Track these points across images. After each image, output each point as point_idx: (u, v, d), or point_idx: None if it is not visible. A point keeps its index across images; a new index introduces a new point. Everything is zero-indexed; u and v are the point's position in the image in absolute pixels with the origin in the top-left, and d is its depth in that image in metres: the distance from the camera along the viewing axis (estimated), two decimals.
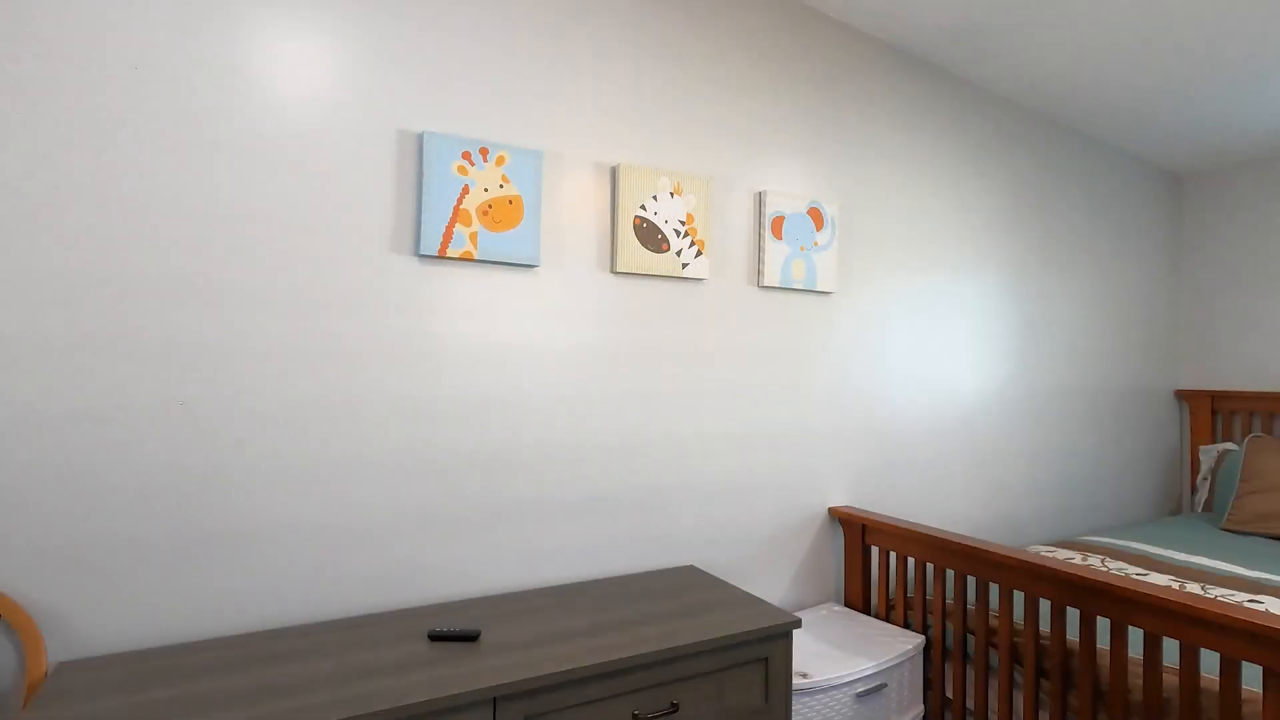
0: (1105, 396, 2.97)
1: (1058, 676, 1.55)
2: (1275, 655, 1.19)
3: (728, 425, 1.96)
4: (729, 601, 1.58)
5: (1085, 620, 1.49)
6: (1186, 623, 1.31)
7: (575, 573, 1.73)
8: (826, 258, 2.11)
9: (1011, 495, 2.65)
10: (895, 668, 1.75)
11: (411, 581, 1.53)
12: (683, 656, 1.36)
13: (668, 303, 1.87)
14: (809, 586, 2.12)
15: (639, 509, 1.82)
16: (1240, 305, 3.08)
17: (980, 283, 2.55)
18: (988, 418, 2.57)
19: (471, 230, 1.56)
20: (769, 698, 1.46)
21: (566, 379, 1.72)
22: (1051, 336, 2.78)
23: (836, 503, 2.18)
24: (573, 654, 1.27)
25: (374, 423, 1.49)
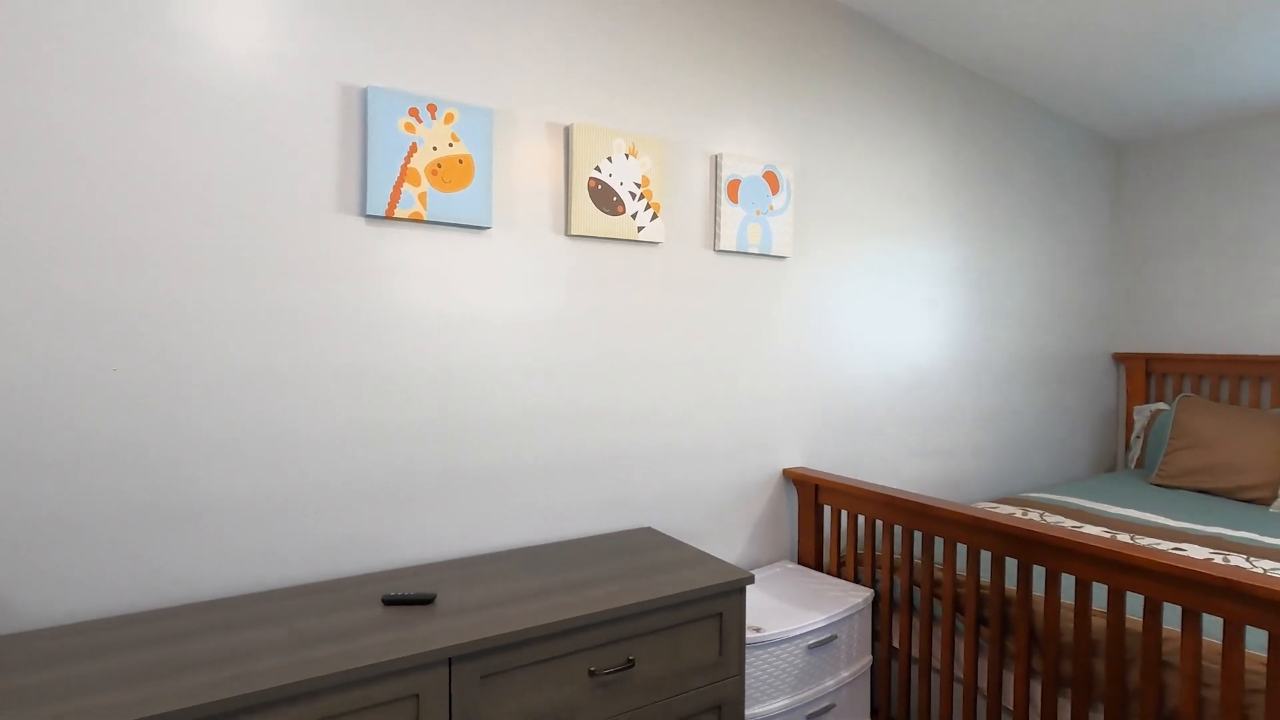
0: (1047, 360, 3.08)
1: (997, 623, 1.62)
2: (1193, 596, 1.26)
3: (685, 389, 1.98)
4: (685, 560, 1.60)
5: (1022, 569, 1.56)
6: (1114, 568, 1.38)
7: (532, 537, 1.73)
8: (782, 222, 2.12)
9: (959, 455, 2.74)
10: (845, 620, 1.82)
11: (366, 549, 1.52)
12: (638, 613, 1.38)
13: (623, 266, 1.85)
14: (764, 545, 2.17)
15: (597, 473, 1.83)
16: (1175, 272, 3.21)
17: (931, 249, 2.60)
18: (936, 381, 2.65)
19: (420, 190, 1.52)
20: (723, 651, 1.50)
21: (521, 344, 1.70)
22: (997, 302, 2.86)
23: (791, 464, 2.22)
24: (528, 614, 1.28)
25: (322, 390, 1.46)
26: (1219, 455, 2.62)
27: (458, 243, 1.60)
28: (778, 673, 1.67)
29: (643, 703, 1.39)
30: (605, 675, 1.34)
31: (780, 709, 1.67)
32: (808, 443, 2.26)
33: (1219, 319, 3.07)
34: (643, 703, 1.39)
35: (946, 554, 1.72)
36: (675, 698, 1.43)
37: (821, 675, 1.76)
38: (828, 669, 1.78)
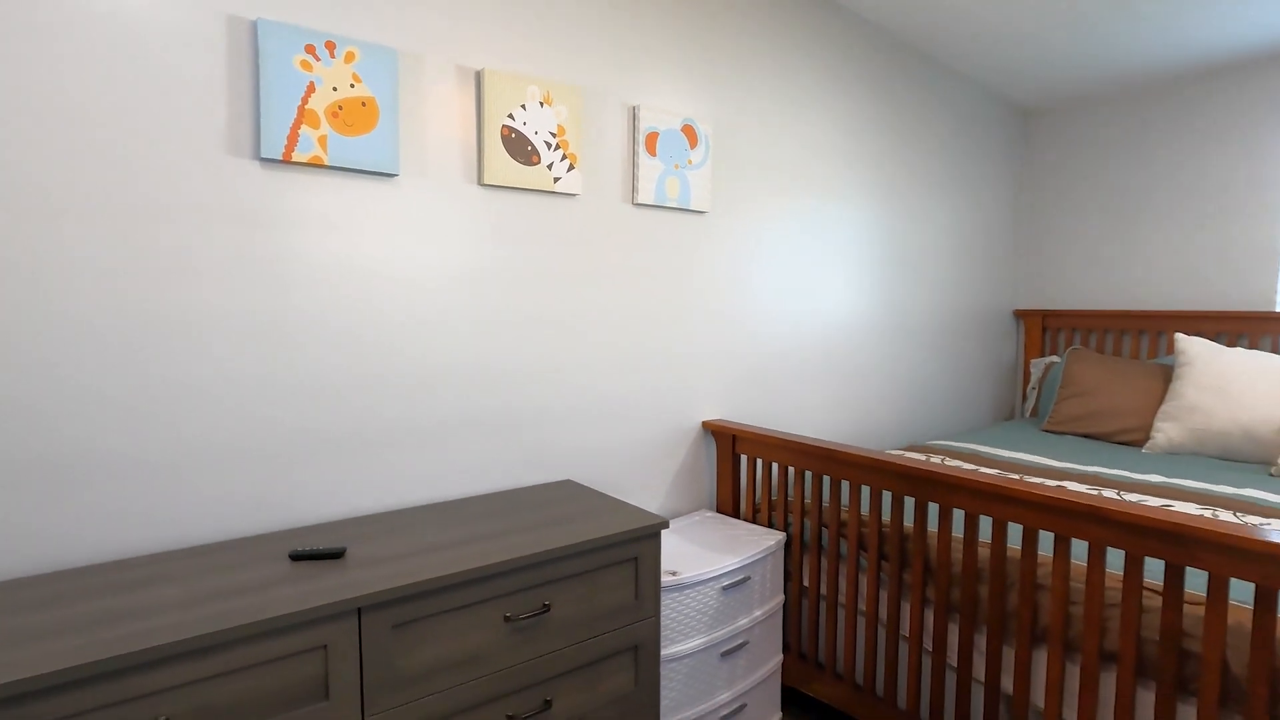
0: (954, 317, 3.24)
1: (896, 558, 1.73)
2: (1062, 522, 1.38)
3: (604, 344, 1.98)
4: (602, 510, 1.63)
5: (919, 507, 1.66)
6: (996, 501, 1.49)
7: (449, 492, 1.72)
8: (701, 176, 2.13)
9: (870, 406, 2.87)
10: (758, 562, 1.90)
11: (272, 508, 1.48)
12: (553, 559, 1.40)
13: (540, 218, 1.83)
14: (684, 495, 2.23)
15: (515, 429, 1.83)
16: (1072, 233, 3.41)
17: (847, 208, 2.67)
18: (851, 336, 2.75)
19: (320, 133, 1.45)
20: (639, 594, 1.55)
21: (437, 298, 1.67)
22: (908, 261, 2.97)
23: (709, 416, 2.28)
24: (441, 563, 1.29)
25: (220, 343, 1.39)
26: (1101, 403, 2.84)
27: (363, 190, 1.54)
28: (693, 613, 1.74)
29: (560, 645, 1.42)
30: (521, 620, 1.36)
31: (696, 647, 1.74)
32: (727, 396, 2.32)
33: (1109, 277, 3.29)
34: (560, 645, 1.42)
35: (852, 496, 1.81)
36: (592, 640, 1.47)
37: (735, 614, 1.84)
38: (741, 608, 1.86)
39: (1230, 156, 2.91)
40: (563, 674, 1.44)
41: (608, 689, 1.52)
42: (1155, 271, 3.14)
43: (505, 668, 1.34)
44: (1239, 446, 2.43)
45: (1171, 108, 3.07)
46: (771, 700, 1.99)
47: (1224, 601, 1.19)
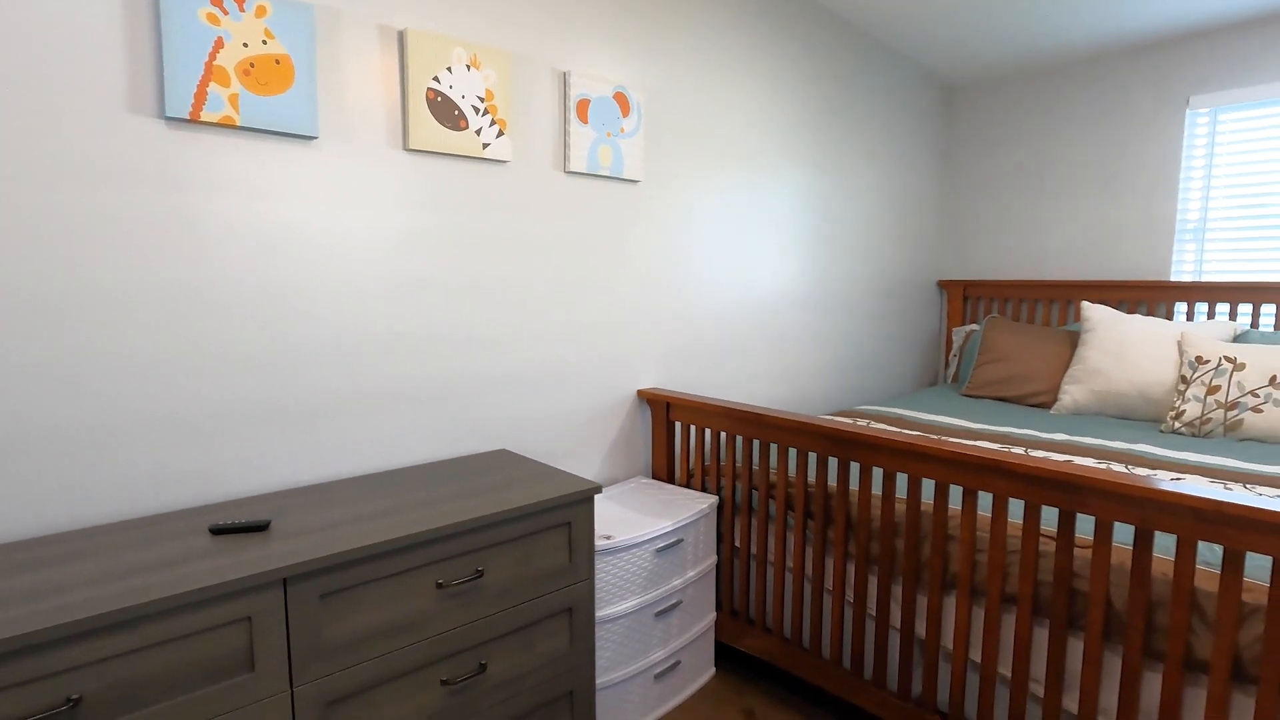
0: (881, 286, 3.35)
1: (820, 516, 1.81)
2: (970, 477, 1.47)
3: (538, 313, 1.98)
4: (536, 476, 1.65)
5: (841, 467, 1.74)
6: (911, 458, 1.57)
7: (380, 463, 1.71)
8: (633, 145, 2.13)
9: (802, 374, 2.96)
10: (691, 525, 1.95)
11: (193, 482, 1.43)
12: (486, 525, 1.41)
13: (469, 185, 1.80)
14: (620, 463, 2.26)
15: (449, 398, 1.81)
16: (990, 206, 3.56)
17: (779, 179, 2.72)
18: (783, 305, 2.82)
19: (231, 92, 1.38)
20: (573, 558, 1.58)
21: (364, 265, 1.63)
22: (838, 232, 3.05)
23: (645, 385, 2.31)
24: (371, 532, 1.28)
25: (134, 313, 1.33)
26: (1015, 368, 3.01)
27: (281, 153, 1.48)
28: (628, 575, 1.78)
29: (494, 610, 1.44)
30: (454, 586, 1.37)
31: (630, 608, 1.78)
32: (662, 365, 2.36)
33: (1024, 248, 3.46)
34: (494, 610, 1.44)
35: (780, 458, 1.88)
36: (527, 603, 1.50)
37: (669, 576, 1.89)
38: (675, 570, 1.91)
39: (1133, 134, 3.08)
40: (498, 637, 1.46)
41: (543, 651, 1.55)
42: (1065, 243, 3.32)
43: (439, 633, 1.35)
44: (1135, 406, 2.62)
45: (1081, 86, 3.22)
46: (705, 656, 2.07)
47: (1108, 543, 1.30)
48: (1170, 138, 2.98)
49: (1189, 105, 2.93)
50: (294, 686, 1.17)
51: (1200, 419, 2.38)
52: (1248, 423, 2.31)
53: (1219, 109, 2.88)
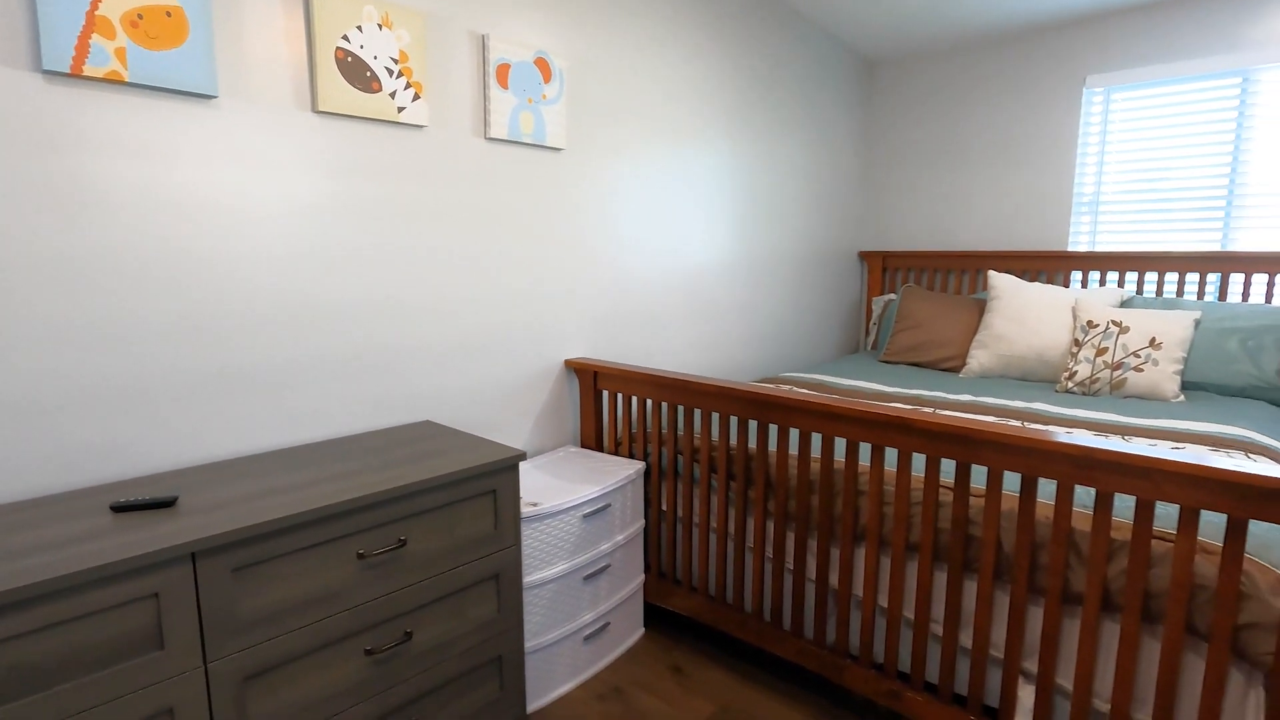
0: (804, 257, 3.45)
1: (742, 477, 1.88)
2: (877, 434, 1.55)
3: (462, 283, 1.95)
4: (460, 447, 1.64)
5: (761, 429, 1.80)
6: (825, 419, 1.65)
7: (298, 437, 1.66)
8: (556, 112, 2.11)
9: (729, 343, 3.02)
10: (618, 490, 1.99)
11: (94, 460, 1.36)
12: (409, 495, 1.40)
13: (386, 150, 1.75)
14: (548, 433, 2.28)
15: (369, 370, 1.78)
16: (907, 179, 3.70)
17: (706, 150, 2.75)
18: (710, 275, 2.86)
19: (117, 45, 1.30)
20: (498, 525, 1.59)
21: (277, 233, 1.57)
22: (762, 203, 3.11)
23: (572, 355, 2.32)
24: (286, 505, 1.25)
25: (14, 283, 1.24)
26: (928, 334, 3.16)
27: (177, 112, 1.40)
28: (555, 541, 1.80)
29: (418, 579, 1.44)
30: (376, 556, 1.36)
31: (559, 573, 1.81)
32: (590, 335, 2.37)
33: (938, 220, 3.62)
34: (418, 579, 1.44)
35: (704, 423, 1.93)
36: (452, 571, 1.50)
37: (597, 540, 1.93)
38: (603, 534, 1.95)
39: (1037, 112, 3.25)
40: (423, 606, 1.47)
41: (471, 617, 1.56)
42: (976, 215, 3.49)
43: (361, 604, 1.35)
44: (1034, 368, 2.80)
45: (990, 64, 3.36)
46: (634, 617, 2.13)
47: (998, 491, 1.40)
48: (1069, 116, 3.16)
49: (1086, 85, 3.10)
50: (208, 662, 1.14)
51: (1090, 379, 2.57)
52: (1130, 381, 2.51)
53: (1112, 88, 3.07)
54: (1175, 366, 2.48)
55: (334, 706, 1.33)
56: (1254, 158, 2.76)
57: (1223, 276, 2.79)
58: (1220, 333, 2.56)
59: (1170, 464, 1.17)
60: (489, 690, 1.63)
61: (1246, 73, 2.76)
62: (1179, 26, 2.86)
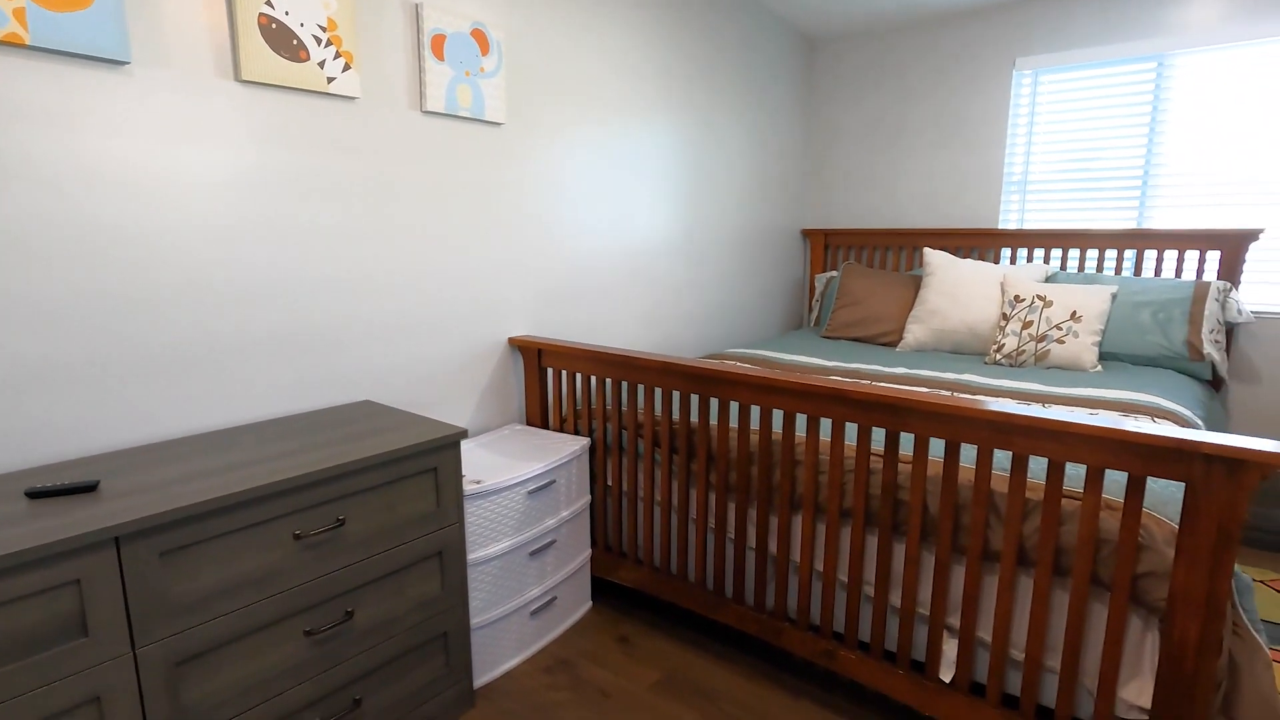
0: (748, 235, 3.49)
1: (684, 450, 1.91)
2: (813, 405, 1.60)
3: (401, 259, 1.92)
4: (400, 425, 1.62)
5: (702, 403, 1.84)
6: (764, 392, 1.69)
7: (228, 419, 1.62)
8: (495, 86, 2.07)
9: (674, 320, 3.05)
10: (563, 466, 2.00)
11: (7, 446, 1.30)
12: (347, 474, 1.39)
13: (317, 123, 1.69)
14: (493, 411, 2.27)
15: (304, 349, 1.74)
16: (847, 158, 3.77)
17: (648, 127, 2.74)
18: (655, 253, 2.88)
19: (15, 5, 1.22)
20: (440, 503, 1.58)
21: (205, 208, 1.51)
22: (707, 181, 3.13)
23: (517, 333, 2.30)
24: (215, 487, 1.23)
25: None
26: (867, 310, 3.25)
27: (87, 79, 1.33)
28: (499, 517, 1.81)
29: (359, 558, 1.43)
30: (313, 536, 1.35)
31: (504, 549, 1.82)
32: (534, 313, 2.36)
33: (877, 199, 3.70)
34: (359, 558, 1.43)
35: (647, 398, 1.95)
36: (393, 550, 1.50)
37: (543, 516, 1.94)
38: (548, 510, 1.96)
39: (970, 92, 3.34)
40: (365, 585, 1.46)
41: (414, 595, 1.56)
42: (913, 194, 3.58)
43: (299, 584, 1.33)
44: (966, 341, 2.92)
45: (926, 44, 3.44)
46: (581, 591, 2.15)
47: (924, 457, 1.47)
48: (999, 97, 3.26)
49: (1015, 67, 3.21)
50: (136, 648, 1.12)
51: (1016, 351, 2.69)
52: (1054, 353, 2.64)
53: (1040, 71, 3.18)
54: (1094, 338, 2.62)
55: (273, 688, 1.31)
56: (1168, 140, 2.91)
57: (1138, 253, 2.95)
58: (1134, 306, 2.71)
59: (1078, 427, 1.24)
60: (434, 666, 1.64)
61: (1162, 58, 2.89)
62: (1101, 11, 2.98)
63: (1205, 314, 2.60)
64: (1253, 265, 2.80)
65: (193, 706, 1.20)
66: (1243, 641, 1.27)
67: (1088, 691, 1.40)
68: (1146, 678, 1.32)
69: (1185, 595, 1.19)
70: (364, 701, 1.49)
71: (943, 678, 1.53)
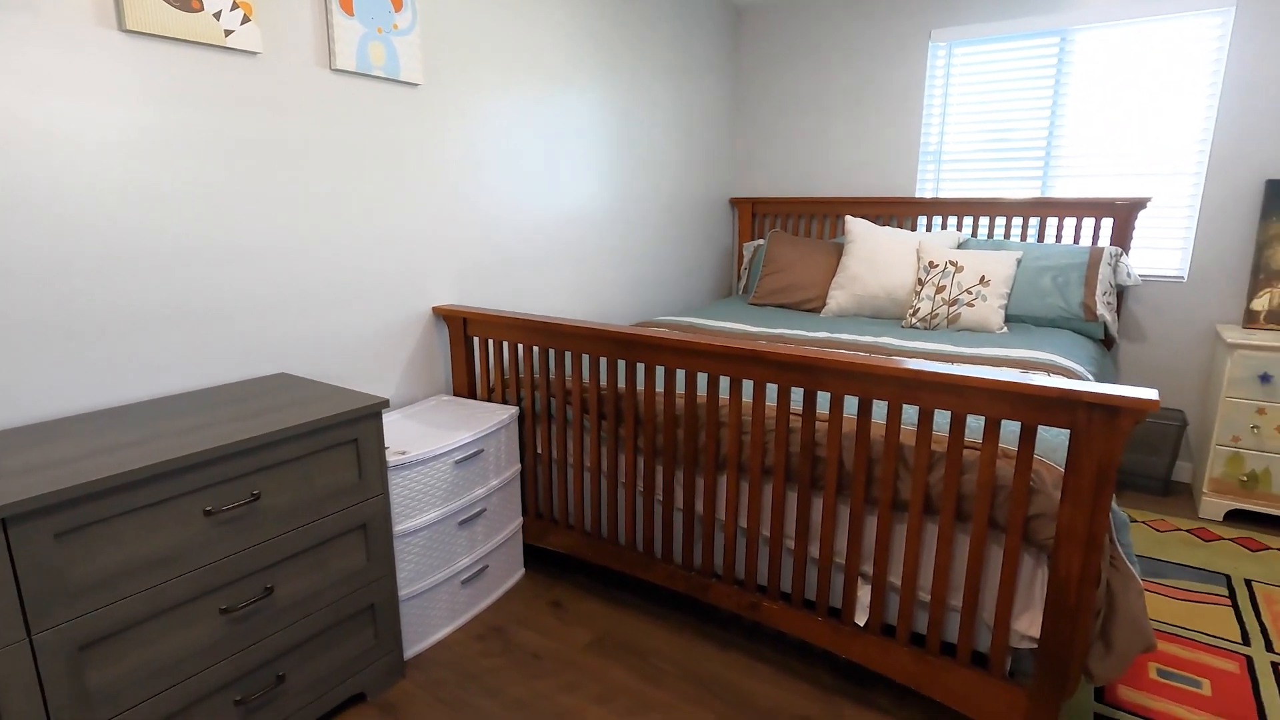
0: (677, 204, 3.50)
1: (612, 416, 1.93)
2: (735, 368, 1.64)
3: (314, 226, 1.84)
4: (317, 397, 1.58)
5: (629, 368, 1.86)
6: (687, 355, 1.72)
7: (134, 393, 1.53)
8: (410, 44, 1.99)
9: (604, 289, 3.05)
10: (491, 435, 1.99)
11: None
12: (261, 447, 1.34)
13: (216, 80, 1.59)
14: (418, 382, 2.22)
15: (212, 320, 1.66)
16: (773, 127, 3.81)
17: (575, 93, 2.70)
18: (584, 221, 2.85)
19: None
20: (363, 474, 1.55)
21: (92, 170, 1.41)
22: (636, 149, 3.12)
23: (441, 302, 2.26)
24: (113, 464, 1.17)
25: None
26: (792, 277, 3.33)
27: None
28: (427, 488, 1.79)
29: (276, 532, 1.40)
30: (226, 512, 1.30)
31: (432, 519, 1.81)
32: (460, 281, 2.31)
33: (802, 168, 3.77)
34: (276, 532, 1.40)
35: (574, 365, 1.95)
36: (314, 523, 1.46)
37: (471, 486, 1.93)
38: (477, 480, 1.95)
39: (887, 63, 3.43)
40: (285, 560, 1.43)
41: (338, 568, 1.54)
42: (835, 163, 3.67)
43: (212, 562, 1.29)
44: (884, 306, 3.03)
45: (848, 15, 3.49)
46: (514, 558, 2.16)
47: (840, 414, 1.53)
48: (916, 69, 3.36)
49: (931, 39, 3.30)
50: (32, 634, 1.06)
51: (930, 314, 2.82)
52: (964, 316, 2.77)
53: (954, 43, 3.28)
54: (1000, 301, 2.77)
55: (188, 668, 1.28)
56: (1069, 112, 3.07)
57: (1041, 220, 3.12)
58: (1037, 270, 2.87)
59: (976, 381, 1.32)
60: (363, 639, 1.62)
61: (1064, 33, 3.03)
62: None
63: (1099, 278, 2.78)
64: (1141, 232, 3.01)
65: (99, 690, 1.15)
66: (1118, 572, 1.40)
67: (986, 626, 1.51)
68: (1037, 610, 1.43)
69: (1070, 533, 1.30)
70: (288, 677, 1.46)
71: (858, 621, 1.61)
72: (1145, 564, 2.31)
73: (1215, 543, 2.45)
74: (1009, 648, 1.45)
